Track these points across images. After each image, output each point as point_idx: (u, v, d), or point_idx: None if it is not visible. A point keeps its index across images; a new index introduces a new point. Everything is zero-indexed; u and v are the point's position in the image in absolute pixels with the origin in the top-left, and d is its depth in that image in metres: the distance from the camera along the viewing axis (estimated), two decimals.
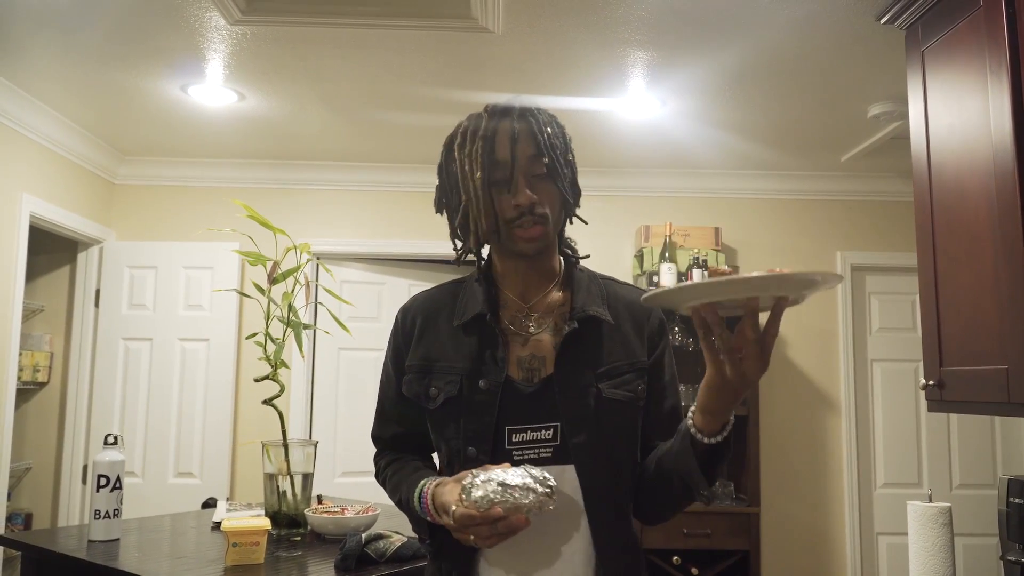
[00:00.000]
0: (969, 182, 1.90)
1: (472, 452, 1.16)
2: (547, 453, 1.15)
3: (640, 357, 1.23)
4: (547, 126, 1.20)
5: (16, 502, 3.96)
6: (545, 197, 1.18)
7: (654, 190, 4.21)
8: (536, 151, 1.17)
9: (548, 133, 1.19)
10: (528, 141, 1.18)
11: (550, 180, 1.19)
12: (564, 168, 1.20)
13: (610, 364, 1.20)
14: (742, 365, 0.97)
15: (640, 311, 1.27)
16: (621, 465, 1.19)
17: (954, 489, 4.06)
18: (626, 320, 1.25)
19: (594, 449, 1.15)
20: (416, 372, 1.25)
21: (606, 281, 1.30)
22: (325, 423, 4.11)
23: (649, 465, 1.21)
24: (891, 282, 4.23)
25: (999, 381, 1.74)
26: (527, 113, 1.20)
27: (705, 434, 1.05)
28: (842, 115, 3.33)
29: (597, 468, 1.15)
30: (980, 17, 1.86)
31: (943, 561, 1.88)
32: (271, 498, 2.18)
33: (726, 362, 0.98)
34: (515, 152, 1.17)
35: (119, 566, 1.78)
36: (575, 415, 1.16)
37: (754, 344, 0.97)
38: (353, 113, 3.43)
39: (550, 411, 1.16)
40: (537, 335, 1.21)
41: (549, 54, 2.77)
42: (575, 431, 1.15)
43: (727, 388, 1.00)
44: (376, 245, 4.22)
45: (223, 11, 2.47)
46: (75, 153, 3.77)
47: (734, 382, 0.98)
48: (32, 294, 4.04)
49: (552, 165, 1.18)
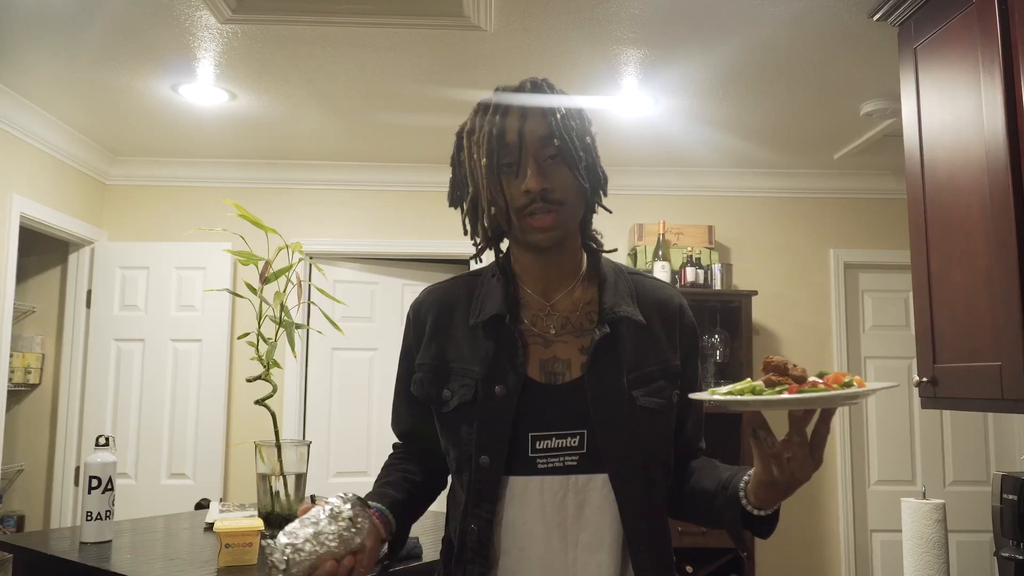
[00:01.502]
0: (962, 179, 1.90)
1: (485, 461, 1.09)
2: (572, 462, 1.08)
3: (672, 361, 1.16)
4: (561, 106, 1.11)
5: (8, 504, 3.94)
6: (558, 182, 1.09)
7: (647, 188, 4.21)
8: (547, 132, 1.09)
9: (562, 113, 1.10)
10: (538, 121, 1.09)
11: (564, 164, 1.10)
12: (579, 151, 1.11)
13: (642, 370, 1.13)
14: (790, 465, 0.96)
15: (670, 309, 1.20)
16: (656, 474, 1.12)
17: (948, 486, 4.07)
18: (656, 319, 1.17)
19: (629, 458, 1.09)
20: (428, 372, 1.18)
21: (633, 276, 1.22)
22: (318, 423, 4.10)
23: (683, 483, 1.18)
24: (884, 279, 4.24)
25: (992, 378, 1.75)
26: (538, 89, 1.12)
27: (755, 507, 1.04)
28: (835, 113, 3.33)
29: (632, 478, 1.09)
30: (973, 14, 1.86)
31: (937, 557, 1.88)
32: (264, 499, 2.17)
33: (773, 463, 0.96)
34: (523, 133, 1.08)
35: (111, 568, 1.77)
36: (609, 423, 1.08)
37: (800, 447, 0.96)
38: (345, 112, 3.42)
39: (577, 417, 1.09)
40: (561, 336, 1.14)
41: (541, 52, 2.76)
42: (609, 440, 1.08)
43: (776, 486, 0.98)
44: (369, 244, 4.21)
45: (213, 10, 2.45)
46: (65, 153, 3.74)
47: (782, 481, 0.97)
48: (23, 295, 4.01)
49: (565, 147, 1.09)
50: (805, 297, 4.22)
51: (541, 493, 1.09)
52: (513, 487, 1.09)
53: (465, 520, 1.11)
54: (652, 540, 1.10)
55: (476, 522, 1.10)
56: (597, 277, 1.19)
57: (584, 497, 1.08)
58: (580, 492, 1.09)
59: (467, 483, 1.11)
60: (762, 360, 0.98)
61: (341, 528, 1.00)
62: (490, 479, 1.09)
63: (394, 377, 1.28)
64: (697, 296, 3.79)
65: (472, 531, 1.10)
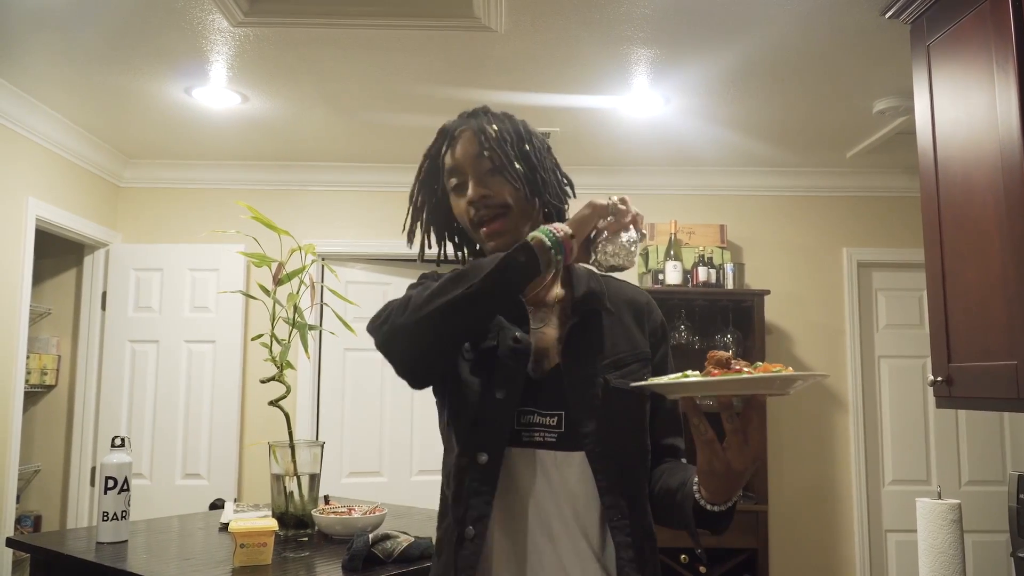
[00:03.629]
0: (976, 177, 1.89)
1: (501, 395, 1.15)
2: (551, 438, 1.17)
3: (643, 348, 1.25)
4: (492, 124, 1.23)
5: (25, 504, 3.98)
6: (496, 189, 1.21)
7: (658, 188, 4.20)
8: (478, 149, 1.22)
9: (495, 129, 1.22)
10: (470, 143, 1.22)
11: (499, 174, 1.21)
12: (514, 162, 1.22)
13: (615, 355, 1.21)
14: (726, 453, 0.99)
15: (640, 307, 1.30)
16: (632, 453, 1.20)
17: (963, 486, 4.05)
18: (626, 312, 1.27)
19: (604, 437, 1.16)
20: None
21: (604, 277, 1.31)
22: (331, 424, 4.11)
23: (654, 483, 1.22)
24: (898, 278, 4.22)
25: (1008, 377, 1.73)
26: (472, 116, 1.26)
27: (708, 503, 1.06)
28: (847, 111, 3.32)
29: (607, 455, 1.16)
30: (986, 10, 1.85)
31: (953, 558, 1.87)
32: (278, 499, 2.18)
33: (709, 451, 1.00)
34: (459, 156, 1.23)
35: (127, 567, 1.78)
36: (583, 404, 1.16)
37: (732, 434, 0.98)
38: (356, 114, 3.43)
39: (556, 399, 1.17)
40: (538, 329, 1.22)
41: (552, 53, 2.76)
42: (583, 420, 1.16)
43: (716, 475, 1.01)
44: (381, 245, 4.22)
45: (226, 13, 2.47)
46: (80, 156, 3.78)
47: (719, 470, 1.00)
48: (39, 297, 4.05)
49: (497, 159, 1.21)
50: (818, 296, 4.20)
51: (525, 463, 1.16)
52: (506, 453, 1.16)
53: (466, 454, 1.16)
54: (632, 517, 1.16)
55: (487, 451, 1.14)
56: (570, 276, 1.28)
57: (563, 473, 1.16)
58: (559, 468, 1.16)
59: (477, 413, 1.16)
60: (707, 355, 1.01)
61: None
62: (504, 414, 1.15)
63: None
64: (709, 296, 3.78)
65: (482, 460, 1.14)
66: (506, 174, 1.21)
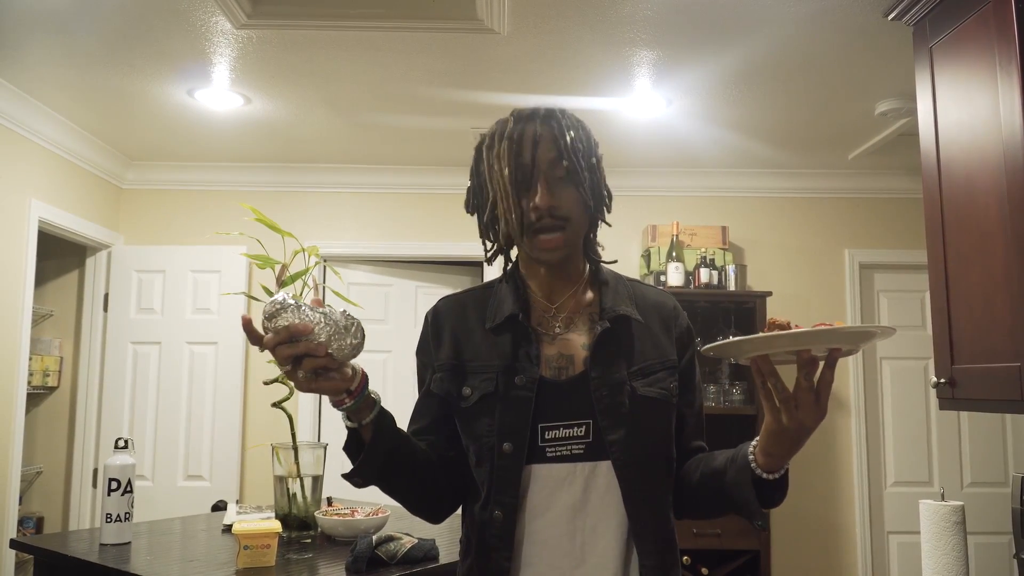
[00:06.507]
0: (979, 178, 1.89)
1: (508, 447, 1.15)
2: (579, 450, 1.16)
3: (670, 355, 1.25)
4: (569, 130, 1.20)
5: (27, 506, 3.98)
6: (565, 200, 1.18)
7: (660, 189, 4.20)
8: (557, 154, 1.18)
9: (571, 137, 1.19)
10: (549, 145, 1.18)
11: (571, 184, 1.19)
12: (585, 172, 1.20)
13: (643, 363, 1.21)
14: (798, 413, 1.01)
15: (667, 312, 1.29)
16: (658, 462, 1.20)
17: (965, 487, 4.04)
18: (655, 320, 1.27)
19: (630, 445, 1.16)
20: (448, 371, 1.24)
21: (632, 283, 1.32)
22: (334, 425, 4.11)
23: (692, 474, 1.23)
24: (900, 280, 4.21)
25: (1011, 379, 1.73)
26: (551, 117, 1.21)
27: (764, 470, 1.09)
28: (849, 112, 3.32)
29: (634, 464, 1.16)
30: (989, 12, 1.85)
31: (956, 560, 1.87)
32: (281, 500, 2.18)
33: (782, 410, 1.01)
34: (536, 155, 1.18)
35: (130, 569, 1.79)
36: (610, 412, 1.16)
37: (807, 392, 1.00)
38: (359, 115, 3.43)
39: (582, 408, 1.17)
40: (564, 335, 1.22)
41: (554, 54, 2.76)
42: (611, 428, 1.16)
43: (785, 435, 1.03)
44: (383, 247, 4.22)
45: (229, 15, 2.47)
46: (82, 158, 3.78)
47: (791, 429, 1.02)
48: (41, 299, 4.05)
49: (573, 168, 1.18)
50: (820, 298, 4.19)
51: (550, 480, 1.16)
52: (525, 475, 1.16)
53: (486, 509, 1.17)
54: (655, 526, 1.17)
55: (500, 508, 1.16)
56: (598, 282, 1.28)
57: (590, 483, 1.16)
58: (586, 479, 1.16)
59: (489, 472, 1.17)
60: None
61: (339, 323, 1.03)
62: (513, 465, 1.16)
63: (406, 378, 1.32)
64: (711, 297, 3.78)
65: (497, 518, 1.15)
66: (580, 189, 1.19)
